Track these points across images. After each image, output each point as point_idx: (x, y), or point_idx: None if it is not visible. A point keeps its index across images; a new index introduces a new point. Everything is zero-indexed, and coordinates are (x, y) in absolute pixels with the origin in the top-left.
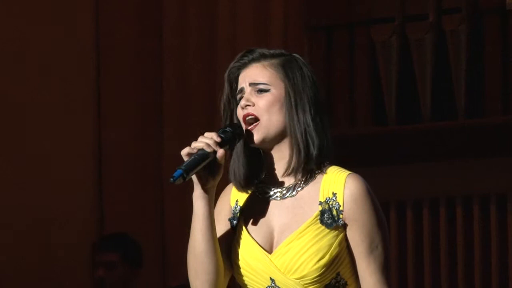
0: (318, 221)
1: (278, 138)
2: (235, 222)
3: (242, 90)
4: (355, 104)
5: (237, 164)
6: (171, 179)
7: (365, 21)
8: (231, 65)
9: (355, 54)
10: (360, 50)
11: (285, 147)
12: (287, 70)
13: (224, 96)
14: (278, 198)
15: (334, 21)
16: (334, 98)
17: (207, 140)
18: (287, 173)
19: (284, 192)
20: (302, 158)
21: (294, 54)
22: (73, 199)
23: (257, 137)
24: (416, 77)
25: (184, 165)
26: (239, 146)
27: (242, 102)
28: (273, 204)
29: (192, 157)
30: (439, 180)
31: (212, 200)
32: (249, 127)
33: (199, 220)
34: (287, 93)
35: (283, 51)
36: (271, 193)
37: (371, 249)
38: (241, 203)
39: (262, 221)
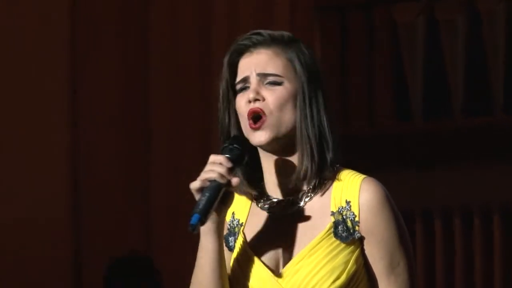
0: (332, 234)
1: (287, 139)
2: (231, 238)
3: (246, 79)
4: (374, 97)
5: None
6: (190, 228)
7: (386, 0)
8: (233, 47)
9: (373, 39)
10: (380, 33)
11: (294, 150)
12: (303, 60)
13: (224, 84)
14: (281, 212)
15: (349, 1)
16: (349, 90)
17: (219, 170)
18: (294, 181)
19: (290, 203)
20: (316, 165)
21: (300, 41)
22: (46, 215)
23: (266, 136)
24: (446, 65)
25: (200, 208)
26: None
27: (250, 95)
28: (277, 217)
29: (207, 194)
30: (472, 185)
31: (223, 233)
32: (255, 125)
33: (210, 257)
34: (301, 88)
35: (289, 34)
36: (274, 204)
37: (392, 266)
38: (238, 216)
39: (265, 237)
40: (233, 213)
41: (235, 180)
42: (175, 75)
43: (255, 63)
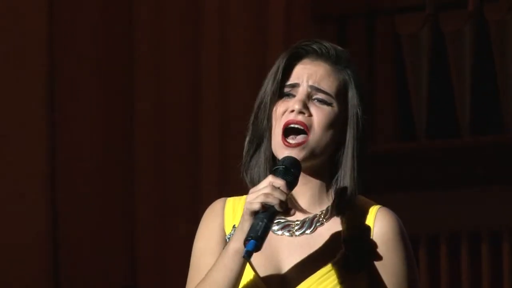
0: (343, 264)
1: (316, 161)
2: None
3: (295, 86)
4: (376, 114)
5: (262, 169)
6: (245, 255)
7: (388, 10)
8: (294, 49)
9: (375, 51)
10: (382, 45)
11: (320, 172)
12: (358, 89)
13: (274, 86)
14: (287, 234)
15: (348, 10)
16: None
17: (280, 197)
18: (312, 204)
19: (298, 227)
20: (348, 196)
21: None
22: (23, 229)
23: (301, 155)
24: (452, 80)
25: (258, 234)
26: (264, 146)
27: (296, 106)
28: (283, 240)
29: (265, 221)
30: (480, 208)
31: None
32: (292, 143)
33: (230, 277)
34: (354, 117)
35: (348, 52)
36: (282, 225)
37: None
38: None
39: (270, 259)
40: (234, 226)
41: (293, 212)
42: (162, 73)
43: (310, 74)
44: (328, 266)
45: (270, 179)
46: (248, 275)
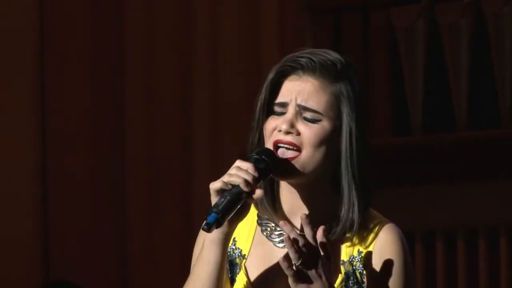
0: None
1: (313, 176)
2: (233, 269)
3: (284, 104)
4: (371, 108)
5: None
6: (205, 227)
7: (383, 2)
8: (280, 66)
9: (370, 44)
10: (377, 38)
11: (322, 189)
12: (351, 102)
13: (259, 104)
14: None
15: (343, 2)
16: None
17: (245, 176)
18: (314, 220)
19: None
20: (356, 213)
21: (353, 66)
22: (14, 228)
23: (296, 170)
24: (448, 73)
25: (220, 208)
26: None
27: (283, 126)
28: (283, 252)
29: (228, 198)
30: (478, 204)
31: (228, 246)
32: (286, 156)
33: (211, 269)
34: (347, 132)
35: (343, 60)
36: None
37: None
38: (240, 245)
39: (270, 275)
40: (234, 240)
41: (258, 192)
42: (153, 72)
43: (298, 91)
44: None
45: (237, 162)
46: None
